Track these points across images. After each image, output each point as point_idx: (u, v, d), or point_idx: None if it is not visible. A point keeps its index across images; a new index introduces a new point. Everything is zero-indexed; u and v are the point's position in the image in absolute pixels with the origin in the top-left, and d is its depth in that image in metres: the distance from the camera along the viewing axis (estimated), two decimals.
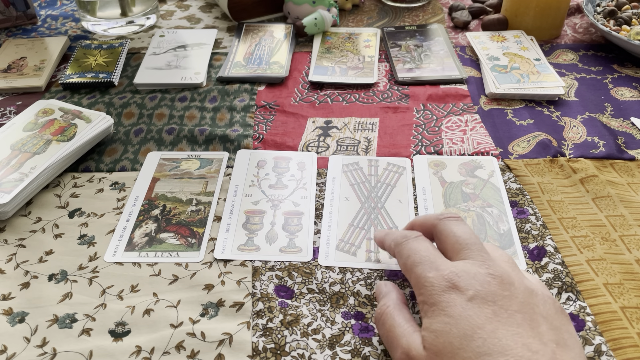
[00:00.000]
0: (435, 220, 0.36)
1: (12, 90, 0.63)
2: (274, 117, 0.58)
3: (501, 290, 0.30)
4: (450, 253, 0.34)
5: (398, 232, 0.37)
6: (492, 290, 0.30)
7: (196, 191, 0.49)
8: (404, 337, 0.32)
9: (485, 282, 0.30)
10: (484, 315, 0.29)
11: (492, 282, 0.30)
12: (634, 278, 0.40)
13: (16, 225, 0.46)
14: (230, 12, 0.75)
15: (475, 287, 0.30)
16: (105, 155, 0.53)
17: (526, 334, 0.28)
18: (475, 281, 0.30)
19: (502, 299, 0.30)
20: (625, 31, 0.67)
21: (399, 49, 0.69)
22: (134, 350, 0.36)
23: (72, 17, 0.80)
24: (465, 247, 0.33)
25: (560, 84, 0.61)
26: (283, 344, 0.36)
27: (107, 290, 0.40)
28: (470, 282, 0.30)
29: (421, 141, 0.54)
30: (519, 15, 0.71)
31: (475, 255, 0.32)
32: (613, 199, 0.47)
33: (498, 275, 0.31)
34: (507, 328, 0.28)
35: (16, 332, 0.37)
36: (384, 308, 0.35)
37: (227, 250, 0.43)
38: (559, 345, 0.28)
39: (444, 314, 0.30)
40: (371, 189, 0.49)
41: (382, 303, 0.35)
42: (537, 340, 0.28)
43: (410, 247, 0.34)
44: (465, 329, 0.29)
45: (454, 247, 0.34)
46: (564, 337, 0.29)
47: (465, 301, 0.30)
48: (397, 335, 0.32)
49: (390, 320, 0.33)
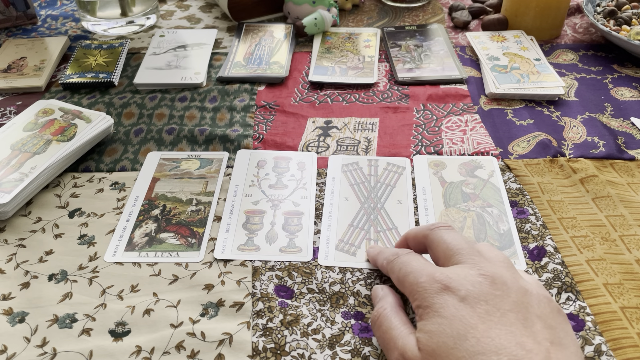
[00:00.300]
0: (427, 230, 0.37)
1: (12, 90, 0.63)
2: (274, 117, 0.58)
3: (493, 290, 0.30)
4: (442, 260, 0.35)
5: (390, 250, 0.39)
6: (483, 290, 0.30)
7: (196, 191, 0.49)
8: (399, 339, 0.32)
9: (476, 283, 0.31)
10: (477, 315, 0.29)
11: (484, 282, 0.31)
12: (634, 278, 0.40)
13: (16, 225, 0.46)
14: (230, 12, 0.75)
15: (466, 288, 0.31)
16: (105, 155, 0.53)
17: (519, 332, 0.28)
18: (467, 282, 0.31)
19: (494, 299, 0.30)
20: (625, 31, 0.67)
21: (399, 49, 0.69)
22: (134, 350, 0.36)
23: (72, 17, 0.80)
24: (457, 252, 0.34)
25: (560, 84, 0.61)
26: (283, 343, 0.36)
27: (107, 290, 0.40)
28: (462, 282, 0.31)
29: (421, 141, 0.54)
30: (519, 15, 0.71)
31: (466, 259, 0.33)
32: (613, 199, 0.47)
33: (489, 275, 0.31)
34: (500, 327, 0.29)
35: (16, 332, 0.37)
36: (380, 311, 0.35)
37: (227, 250, 0.43)
38: (554, 344, 0.28)
39: (438, 314, 0.30)
40: (371, 189, 0.49)
41: (379, 306, 0.36)
42: (530, 339, 0.28)
43: (402, 261, 0.35)
44: (458, 329, 0.29)
45: (446, 254, 0.34)
46: (560, 335, 0.29)
47: (458, 301, 0.30)
48: (393, 337, 0.33)
49: (386, 322, 0.34)
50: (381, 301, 0.36)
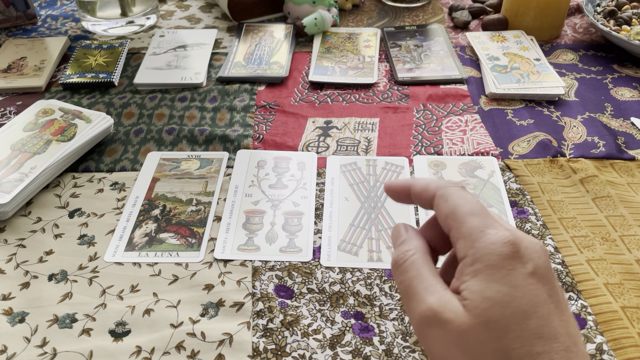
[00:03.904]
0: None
1: (12, 90, 0.63)
2: (274, 117, 0.58)
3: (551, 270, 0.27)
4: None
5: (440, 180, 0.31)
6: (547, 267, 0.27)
7: (196, 191, 0.49)
8: (433, 293, 0.27)
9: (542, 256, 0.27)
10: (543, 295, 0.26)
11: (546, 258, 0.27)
12: (634, 278, 0.40)
13: (16, 225, 0.46)
14: (230, 12, 0.75)
15: (534, 260, 0.26)
16: (105, 155, 0.53)
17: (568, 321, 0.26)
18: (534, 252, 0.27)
19: (552, 279, 0.27)
20: (625, 31, 0.67)
21: (399, 49, 0.69)
22: (134, 350, 0.36)
23: (72, 17, 0.80)
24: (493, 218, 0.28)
25: (560, 84, 0.60)
26: (284, 344, 0.36)
27: (107, 290, 0.40)
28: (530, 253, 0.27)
29: (421, 141, 0.54)
30: (519, 15, 0.71)
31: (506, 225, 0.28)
32: (613, 199, 0.47)
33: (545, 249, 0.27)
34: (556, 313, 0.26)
35: (16, 332, 0.37)
36: (408, 255, 0.29)
37: (227, 250, 0.43)
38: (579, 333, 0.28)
39: (504, 282, 0.26)
40: (370, 188, 0.49)
41: (405, 249, 0.29)
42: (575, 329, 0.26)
43: (462, 195, 0.29)
44: (526, 305, 0.26)
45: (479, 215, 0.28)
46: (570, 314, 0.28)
47: (527, 274, 0.26)
48: (423, 288, 0.27)
49: (414, 270, 0.28)
50: (407, 243, 0.29)
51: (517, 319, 0.25)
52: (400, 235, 0.30)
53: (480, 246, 0.27)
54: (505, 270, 0.26)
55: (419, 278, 0.27)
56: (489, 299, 0.26)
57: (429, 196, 0.30)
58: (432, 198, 0.30)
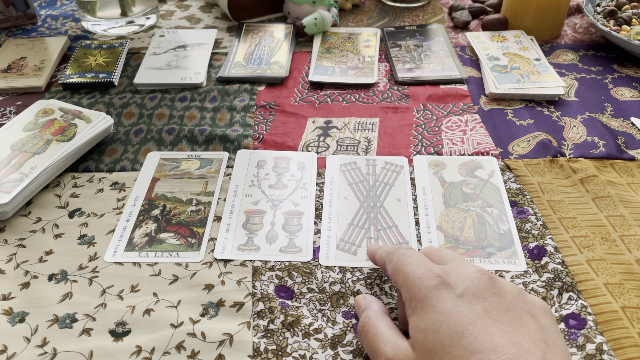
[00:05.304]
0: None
1: (12, 90, 0.63)
2: (274, 117, 0.58)
3: (490, 288, 0.30)
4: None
5: (390, 246, 0.38)
6: (482, 287, 0.30)
7: (196, 191, 0.49)
8: (387, 344, 0.31)
9: (475, 279, 0.30)
10: (475, 312, 0.29)
11: (482, 279, 0.30)
12: (634, 278, 0.40)
13: (16, 225, 0.46)
14: (230, 12, 0.75)
15: (465, 283, 0.30)
16: (105, 155, 0.53)
17: (516, 332, 0.28)
18: (465, 277, 0.30)
19: (492, 296, 0.29)
20: (625, 31, 0.67)
21: (399, 49, 0.69)
22: (135, 351, 0.36)
23: (72, 17, 0.80)
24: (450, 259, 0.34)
25: (560, 84, 0.61)
26: (285, 345, 0.36)
27: (107, 290, 0.40)
28: (460, 278, 0.30)
29: (421, 141, 0.54)
30: (519, 15, 0.71)
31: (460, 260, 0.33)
32: (613, 199, 0.47)
33: (486, 273, 0.31)
34: (498, 325, 0.28)
35: (16, 332, 0.37)
36: (365, 320, 0.34)
37: (227, 250, 0.43)
38: (548, 345, 0.28)
39: (434, 310, 0.29)
40: (369, 188, 0.49)
41: (364, 315, 0.35)
42: (527, 338, 0.28)
43: (402, 253, 0.35)
44: (456, 326, 0.28)
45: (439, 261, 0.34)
46: (553, 337, 0.29)
47: (456, 297, 0.29)
48: (380, 342, 0.32)
49: (372, 330, 0.33)
50: (365, 310, 0.35)
51: (451, 340, 0.28)
52: (360, 305, 0.36)
53: (413, 287, 0.31)
54: (435, 299, 0.30)
55: (377, 335, 0.32)
56: (424, 330, 0.29)
57: (382, 262, 0.37)
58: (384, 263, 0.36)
